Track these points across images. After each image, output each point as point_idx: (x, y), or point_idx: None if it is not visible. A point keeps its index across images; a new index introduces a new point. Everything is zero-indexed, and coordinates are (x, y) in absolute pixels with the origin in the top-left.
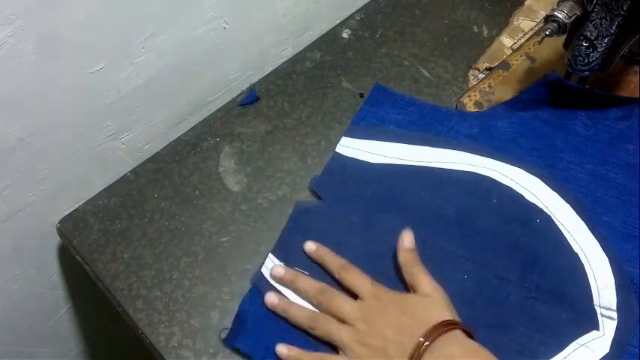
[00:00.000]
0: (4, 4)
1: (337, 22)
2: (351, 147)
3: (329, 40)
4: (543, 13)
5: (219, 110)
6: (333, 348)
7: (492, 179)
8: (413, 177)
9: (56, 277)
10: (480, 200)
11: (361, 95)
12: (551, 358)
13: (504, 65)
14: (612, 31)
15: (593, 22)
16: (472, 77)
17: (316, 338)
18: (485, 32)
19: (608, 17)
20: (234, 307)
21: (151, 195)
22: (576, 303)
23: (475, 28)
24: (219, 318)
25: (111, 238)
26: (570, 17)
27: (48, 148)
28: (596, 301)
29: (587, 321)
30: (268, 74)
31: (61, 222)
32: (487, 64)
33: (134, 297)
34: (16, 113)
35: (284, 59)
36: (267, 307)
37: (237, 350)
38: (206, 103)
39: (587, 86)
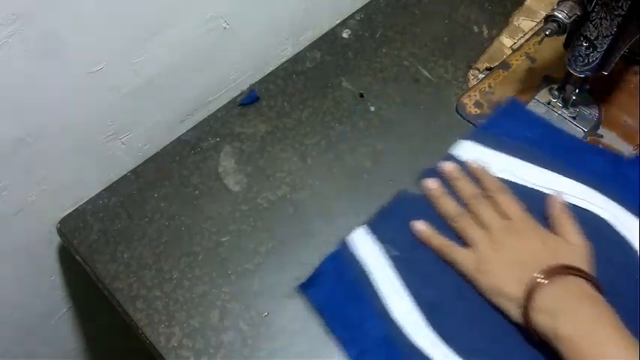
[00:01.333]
0: (4, 4)
1: (337, 22)
2: (470, 152)
3: (329, 40)
4: (543, 13)
5: (219, 110)
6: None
7: (609, 224)
8: (524, 197)
9: (56, 277)
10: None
11: (361, 95)
12: None
13: (504, 65)
14: (612, 31)
15: (593, 22)
16: (472, 77)
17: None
18: (485, 32)
19: (608, 17)
20: (234, 307)
21: (150, 195)
22: None
23: (475, 28)
24: (219, 318)
25: (111, 238)
26: (570, 17)
27: (48, 148)
28: None
29: None
30: (268, 74)
31: (61, 222)
32: (487, 64)
33: (134, 297)
34: (16, 113)
35: (284, 59)
36: (355, 267)
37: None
38: (206, 103)
39: (587, 87)
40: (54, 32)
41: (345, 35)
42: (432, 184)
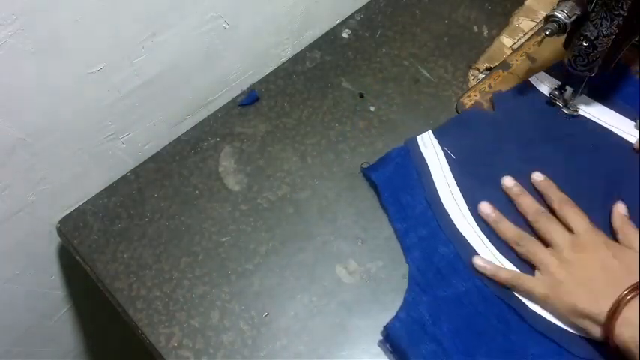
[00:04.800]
0: (4, 4)
1: (337, 22)
2: (548, 83)
3: (329, 40)
4: (543, 13)
5: (219, 110)
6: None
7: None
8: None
9: (56, 277)
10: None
11: (361, 95)
12: None
13: (504, 65)
14: (612, 31)
15: (593, 22)
16: (472, 77)
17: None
18: (485, 32)
19: (608, 17)
20: (234, 307)
21: (150, 195)
22: None
23: (475, 28)
24: (219, 318)
25: (111, 238)
26: (570, 17)
27: (48, 148)
28: None
29: None
30: (268, 74)
31: (61, 222)
32: (487, 64)
33: (134, 297)
34: (16, 113)
35: (284, 59)
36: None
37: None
38: (206, 103)
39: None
40: (54, 32)
41: (345, 35)
42: (486, 209)
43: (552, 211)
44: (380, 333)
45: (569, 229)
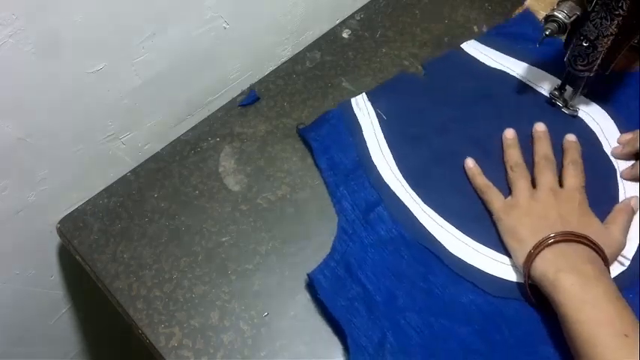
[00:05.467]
0: (4, 4)
1: (337, 22)
2: (475, 48)
3: (329, 40)
4: (543, 13)
5: (219, 110)
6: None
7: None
8: (511, 84)
9: (56, 277)
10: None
11: None
12: None
13: None
14: (612, 31)
15: (593, 22)
16: None
17: None
18: (485, 32)
19: (608, 17)
20: (234, 307)
21: (151, 195)
22: None
23: (475, 28)
24: (219, 318)
25: (111, 238)
26: (570, 17)
27: (48, 148)
28: None
29: None
30: (268, 74)
31: (61, 222)
32: None
33: (134, 297)
34: (16, 113)
35: (284, 59)
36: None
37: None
38: (206, 103)
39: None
40: (54, 32)
41: (345, 35)
42: (509, 134)
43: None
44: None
45: (562, 183)
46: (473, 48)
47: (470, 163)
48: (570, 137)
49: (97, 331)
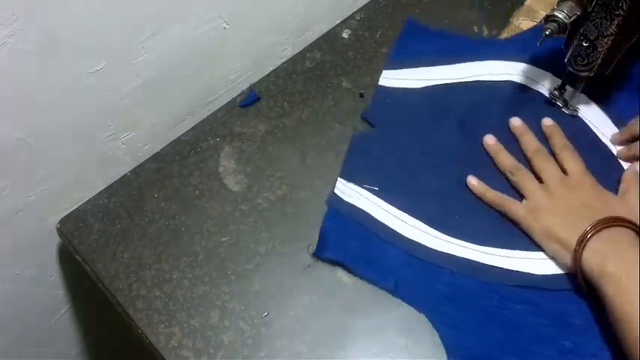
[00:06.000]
0: (4, 4)
1: (337, 22)
2: (393, 77)
3: (329, 40)
4: (543, 13)
5: (219, 110)
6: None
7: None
8: (456, 92)
9: (56, 277)
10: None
11: (361, 95)
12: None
13: None
14: (612, 31)
15: (593, 22)
16: None
17: None
18: (486, 32)
19: (608, 17)
20: (234, 307)
21: (151, 195)
22: None
23: (475, 28)
24: (219, 318)
25: (111, 238)
26: (570, 17)
27: (48, 148)
28: None
29: None
30: (268, 74)
31: (61, 222)
32: None
33: (134, 297)
34: (16, 113)
35: (284, 59)
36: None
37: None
38: (206, 103)
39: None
40: (54, 32)
41: (345, 35)
42: (490, 140)
43: (553, 155)
44: (379, 333)
45: (564, 172)
46: (391, 79)
47: (473, 181)
48: (547, 122)
49: (97, 331)
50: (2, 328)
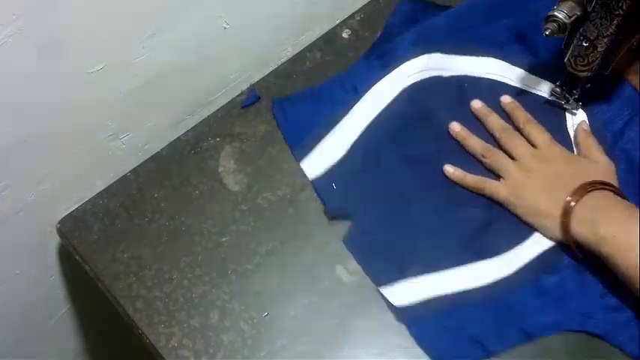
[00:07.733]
0: (4, 4)
1: (337, 22)
2: (315, 164)
3: (329, 40)
4: None
5: (219, 110)
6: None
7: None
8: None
9: (56, 277)
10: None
11: None
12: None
13: None
14: (612, 31)
15: (593, 22)
16: None
17: None
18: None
19: (608, 17)
20: (234, 307)
21: (151, 195)
22: None
23: None
24: (219, 318)
25: (111, 238)
26: (570, 17)
27: (48, 148)
28: None
29: None
30: (268, 74)
31: (61, 222)
32: None
33: (134, 297)
34: (16, 113)
35: (284, 59)
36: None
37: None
38: (206, 103)
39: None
40: (54, 32)
41: (345, 35)
42: (456, 127)
43: (518, 130)
44: (379, 333)
45: (533, 145)
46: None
47: (450, 168)
48: (506, 99)
49: (97, 331)
50: (2, 328)
